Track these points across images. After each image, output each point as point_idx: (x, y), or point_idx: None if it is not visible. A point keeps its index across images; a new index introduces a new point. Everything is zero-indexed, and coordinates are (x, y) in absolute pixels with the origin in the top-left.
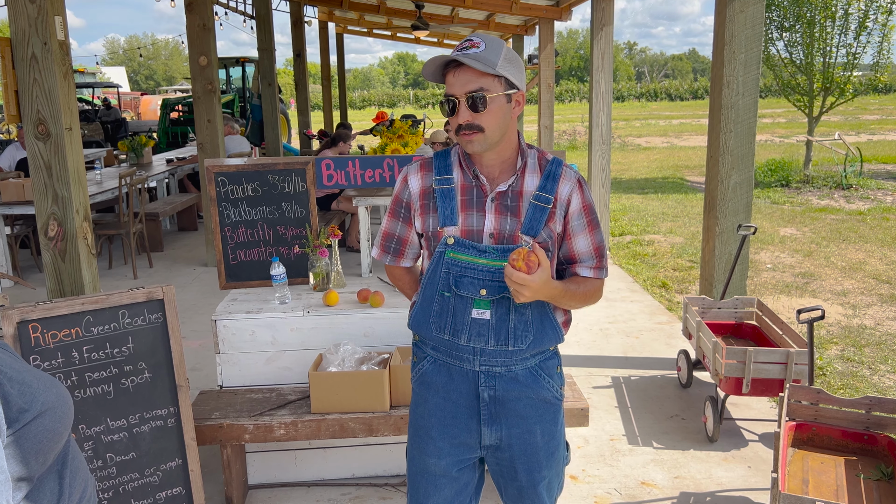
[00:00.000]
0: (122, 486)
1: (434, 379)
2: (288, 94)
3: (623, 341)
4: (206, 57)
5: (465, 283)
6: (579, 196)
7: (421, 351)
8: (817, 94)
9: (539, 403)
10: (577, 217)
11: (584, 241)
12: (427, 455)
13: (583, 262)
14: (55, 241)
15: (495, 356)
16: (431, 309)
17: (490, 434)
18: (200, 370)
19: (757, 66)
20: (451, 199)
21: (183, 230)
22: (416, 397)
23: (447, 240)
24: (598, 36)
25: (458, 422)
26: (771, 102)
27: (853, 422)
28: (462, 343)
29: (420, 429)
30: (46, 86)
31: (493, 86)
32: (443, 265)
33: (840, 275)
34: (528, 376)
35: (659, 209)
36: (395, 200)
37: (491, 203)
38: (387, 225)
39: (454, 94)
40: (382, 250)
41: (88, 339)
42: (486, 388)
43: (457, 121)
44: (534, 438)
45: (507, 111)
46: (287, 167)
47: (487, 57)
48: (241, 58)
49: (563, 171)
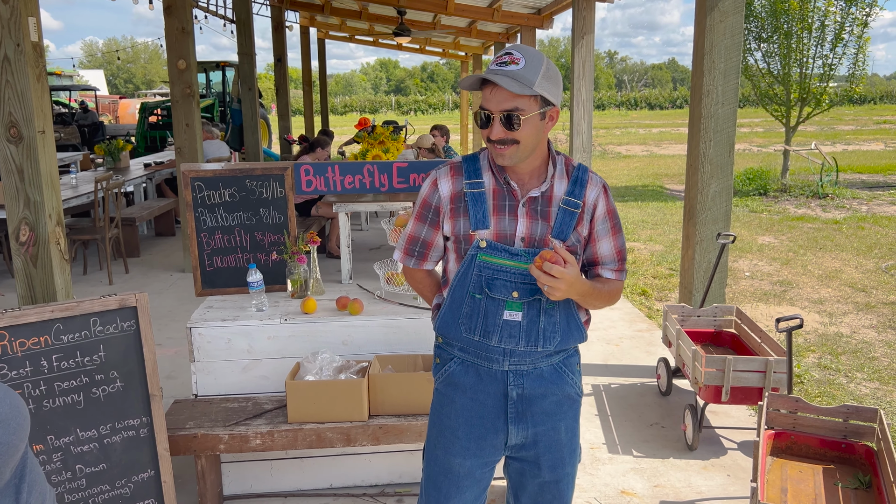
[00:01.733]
0: (92, 498)
1: (462, 380)
2: (269, 98)
3: (603, 349)
4: (185, 60)
5: (498, 285)
6: (605, 201)
7: (446, 353)
8: (794, 104)
9: (563, 400)
10: (602, 221)
11: (608, 245)
12: (453, 455)
13: (605, 265)
14: (26, 247)
15: (524, 356)
16: (461, 311)
17: (517, 433)
18: (176, 378)
19: (736, 75)
20: (482, 203)
21: (160, 236)
22: (442, 398)
23: (479, 243)
24: (578, 44)
25: (486, 422)
26: (749, 112)
27: (831, 430)
28: (493, 344)
29: (446, 429)
30: (19, 88)
31: (529, 105)
32: (474, 268)
33: (817, 283)
34: (553, 373)
35: (639, 217)
36: (423, 204)
37: (522, 208)
38: (412, 229)
39: (489, 109)
40: (406, 254)
41: (58, 348)
42: (514, 387)
43: (489, 134)
44: (558, 435)
45: (539, 127)
46: (265, 172)
47: (525, 75)
48: (221, 62)
49: (590, 177)
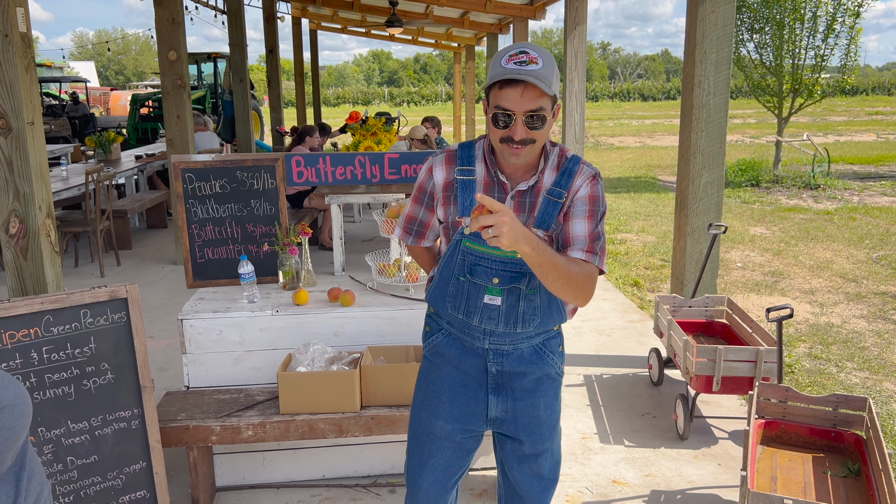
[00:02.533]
0: (84, 490)
1: (447, 350)
2: (261, 90)
3: (595, 339)
4: (176, 52)
5: (479, 271)
6: (588, 187)
7: (435, 323)
8: (786, 95)
9: (543, 378)
10: (580, 203)
11: (581, 226)
12: (436, 417)
13: (574, 245)
14: (16, 239)
15: (504, 336)
16: (448, 289)
17: (496, 405)
18: (168, 370)
19: (728, 65)
20: (471, 192)
21: (152, 228)
22: (429, 364)
23: (464, 230)
24: (571, 35)
25: (468, 391)
26: (741, 103)
27: (821, 419)
28: (474, 323)
29: (431, 393)
30: (7, 79)
31: (548, 104)
32: (459, 252)
33: (808, 273)
34: (533, 354)
35: (631, 208)
36: (420, 188)
37: (510, 201)
38: (410, 209)
39: (512, 109)
40: (405, 231)
41: (48, 340)
42: (493, 364)
43: (509, 134)
44: (537, 411)
45: (551, 124)
46: (256, 164)
47: (546, 76)
48: (212, 53)
49: (580, 168)
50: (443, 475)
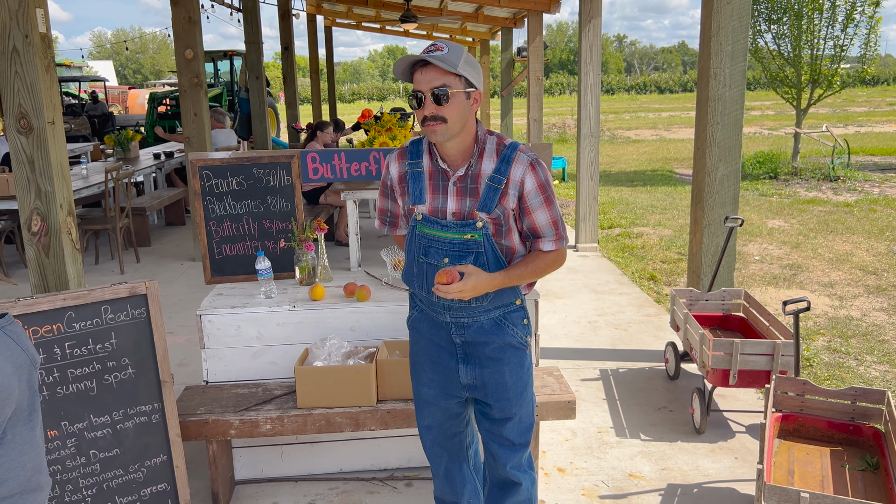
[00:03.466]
0: (106, 482)
1: (421, 325)
2: (277, 87)
3: (611, 334)
4: (193, 50)
5: (432, 252)
6: (533, 177)
7: (413, 301)
8: (805, 86)
9: (505, 347)
10: (533, 195)
11: (544, 216)
12: (421, 385)
13: (545, 237)
14: (38, 237)
15: (461, 311)
16: (413, 270)
17: (466, 373)
18: (188, 366)
19: (743, 57)
20: (420, 182)
21: (171, 225)
22: (411, 338)
23: (417, 216)
24: (586, 28)
25: (442, 360)
26: (759, 95)
27: (839, 412)
28: (434, 300)
29: (416, 364)
30: (28, 79)
31: (455, 83)
32: (416, 237)
33: (827, 266)
34: (493, 325)
35: (648, 202)
36: (382, 183)
37: (453, 186)
38: (380, 203)
39: (421, 89)
40: (381, 221)
41: (70, 335)
42: (457, 335)
43: (422, 113)
44: (503, 378)
45: (465, 106)
46: (272, 160)
47: (450, 59)
48: (228, 51)
49: (517, 156)
50: (440, 436)
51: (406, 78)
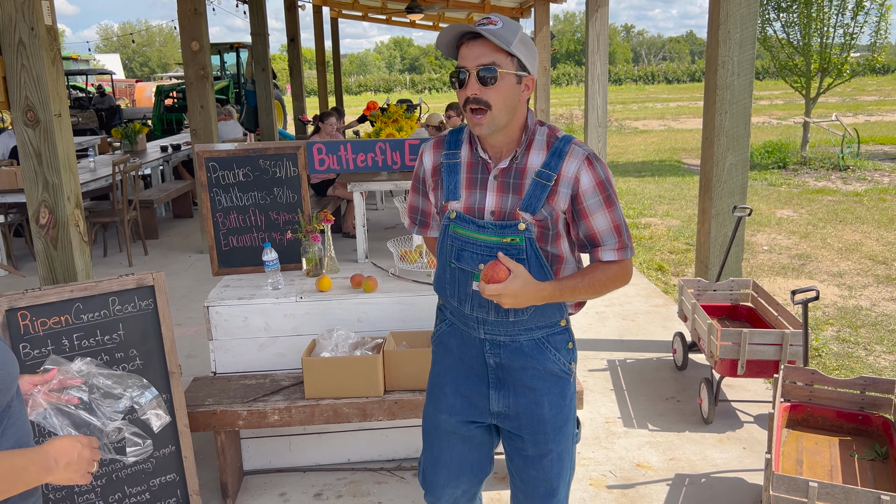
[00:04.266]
0: (116, 472)
1: (449, 341)
2: (283, 79)
3: (619, 324)
4: (198, 42)
5: (466, 256)
6: (590, 173)
7: (441, 314)
8: (814, 75)
9: (546, 375)
10: (591, 195)
11: (604, 219)
12: (440, 411)
13: (605, 245)
14: (46, 229)
15: (498, 326)
16: (445, 276)
17: (498, 399)
18: (196, 357)
19: (752, 45)
20: (455, 175)
21: (178, 217)
22: (435, 356)
23: (450, 214)
24: (593, 18)
25: (470, 383)
26: (768, 84)
27: (848, 402)
28: (467, 312)
29: (436, 386)
30: (34, 72)
31: (506, 63)
32: (448, 238)
33: (836, 256)
34: (534, 348)
35: (656, 192)
36: (415, 176)
37: (493, 180)
38: (410, 199)
39: (466, 66)
40: (411, 220)
41: (78, 327)
42: (490, 356)
43: (465, 93)
44: (541, 410)
45: (515, 92)
46: (278, 152)
47: (503, 34)
48: (234, 43)
49: (571, 149)
50: (457, 470)
51: (450, 52)
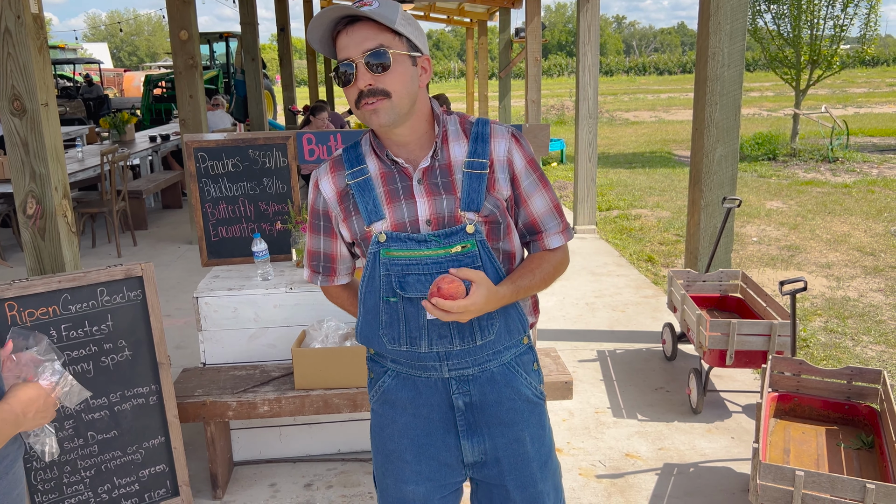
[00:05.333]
0: (104, 464)
1: (398, 395)
2: (273, 69)
3: (609, 315)
4: (187, 31)
5: (411, 282)
6: (520, 152)
7: (378, 365)
8: (804, 67)
9: (522, 405)
10: (525, 176)
11: (542, 201)
12: (404, 482)
13: (549, 229)
14: (34, 220)
15: (464, 356)
16: (379, 319)
17: (472, 448)
18: (185, 348)
19: (742, 36)
20: (370, 192)
21: (167, 208)
22: (380, 419)
23: (378, 237)
24: (584, 8)
25: (434, 440)
26: (759, 76)
27: (834, 392)
28: (423, 351)
29: (391, 453)
30: (21, 60)
31: (395, 44)
32: (380, 267)
33: (825, 247)
34: (506, 373)
35: (646, 183)
36: (312, 213)
37: (419, 185)
38: (309, 243)
39: (350, 56)
40: (312, 270)
41: (66, 318)
42: (459, 395)
43: (356, 88)
44: (524, 448)
45: (413, 75)
46: (267, 142)
47: (384, 13)
48: (224, 33)
49: (493, 129)
50: None
51: (325, 49)
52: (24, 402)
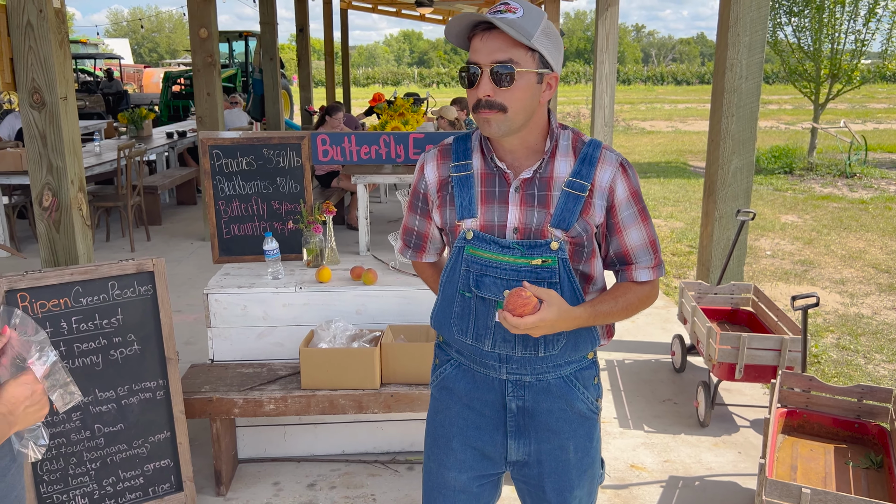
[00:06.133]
0: (110, 457)
1: (456, 385)
2: (291, 69)
3: (619, 325)
4: (207, 29)
5: (487, 283)
6: (625, 182)
7: (444, 353)
8: (824, 80)
9: (573, 416)
10: (625, 206)
11: (639, 234)
12: (447, 468)
13: (639, 262)
14: (49, 212)
15: (524, 363)
16: (452, 310)
17: (517, 448)
18: (195, 344)
19: (761, 49)
20: (468, 189)
21: (182, 204)
22: (437, 403)
23: (465, 234)
24: (602, 16)
25: (483, 433)
26: (778, 89)
27: (844, 410)
28: (486, 349)
29: (439, 438)
30: (42, 54)
31: (525, 59)
32: (462, 262)
33: (840, 263)
34: (562, 386)
35: (661, 193)
36: (413, 192)
37: (515, 193)
38: (406, 219)
39: (478, 61)
40: (404, 244)
41: (77, 310)
42: (513, 399)
43: (476, 94)
44: (566, 455)
45: (535, 92)
46: (282, 141)
47: (524, 25)
48: (243, 31)
49: (602, 154)
50: None
51: (461, 42)
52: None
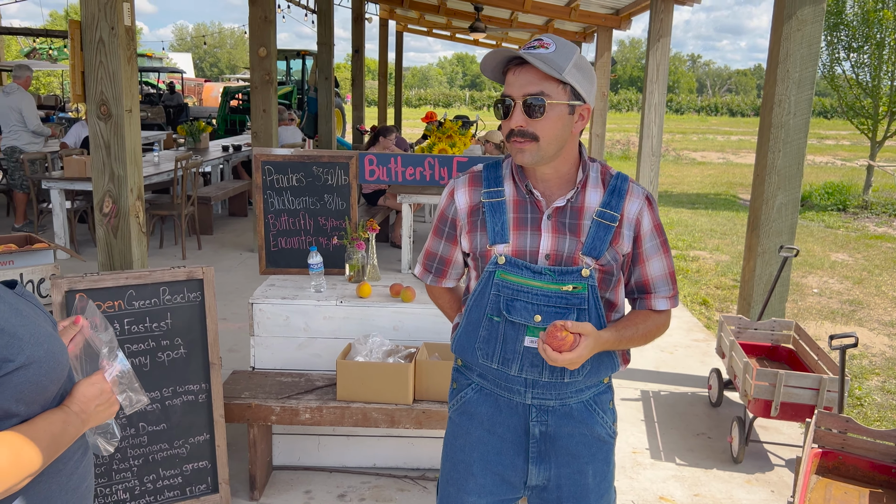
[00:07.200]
0: (152, 454)
1: (478, 409)
2: (345, 88)
3: (656, 356)
4: (266, 48)
5: (518, 307)
6: (650, 215)
7: (464, 377)
8: (882, 117)
9: (593, 441)
10: (649, 238)
11: (660, 265)
12: (467, 493)
13: (658, 292)
14: (109, 218)
15: (549, 388)
16: (478, 334)
17: (538, 473)
18: (238, 351)
19: (811, 86)
20: (501, 215)
21: (233, 215)
22: (456, 428)
23: (497, 259)
24: (654, 47)
25: (503, 458)
26: (836, 124)
27: (882, 454)
28: (513, 373)
29: (459, 463)
30: (111, 68)
31: (556, 92)
32: (492, 287)
33: (890, 304)
34: (583, 411)
35: (707, 225)
36: (440, 217)
37: (547, 221)
38: (430, 243)
39: (511, 94)
40: (425, 269)
41: (130, 312)
42: (537, 424)
43: (509, 125)
44: (585, 479)
45: (566, 123)
46: (331, 160)
47: (555, 60)
48: (301, 51)
49: (630, 187)
50: None
51: (496, 77)
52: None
